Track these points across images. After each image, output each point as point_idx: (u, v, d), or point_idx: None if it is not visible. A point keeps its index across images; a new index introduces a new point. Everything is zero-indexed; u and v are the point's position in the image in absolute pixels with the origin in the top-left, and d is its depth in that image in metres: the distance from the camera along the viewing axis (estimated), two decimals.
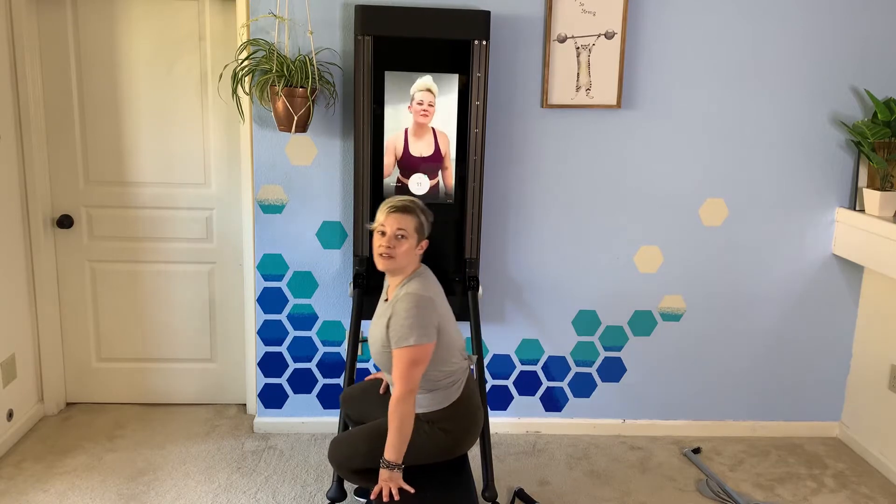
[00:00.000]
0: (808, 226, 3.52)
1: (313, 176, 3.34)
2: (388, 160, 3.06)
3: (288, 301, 3.46)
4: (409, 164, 2.93)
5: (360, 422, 2.74)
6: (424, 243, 2.51)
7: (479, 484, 2.92)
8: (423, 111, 2.84)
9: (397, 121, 3.13)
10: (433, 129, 2.98)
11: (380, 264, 2.48)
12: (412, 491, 2.40)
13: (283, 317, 3.48)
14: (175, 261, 3.63)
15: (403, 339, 2.36)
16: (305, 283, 3.44)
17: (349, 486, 3.05)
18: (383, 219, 2.47)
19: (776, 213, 3.50)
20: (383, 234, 2.46)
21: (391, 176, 3.06)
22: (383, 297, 2.60)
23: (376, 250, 2.47)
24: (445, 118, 3.14)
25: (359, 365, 3.49)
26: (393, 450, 2.39)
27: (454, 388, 2.52)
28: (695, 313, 3.58)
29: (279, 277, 3.43)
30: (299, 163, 3.33)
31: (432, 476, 2.52)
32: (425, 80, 3.06)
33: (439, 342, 2.43)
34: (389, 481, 2.40)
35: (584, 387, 3.64)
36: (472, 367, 2.64)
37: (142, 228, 3.58)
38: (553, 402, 3.66)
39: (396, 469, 2.40)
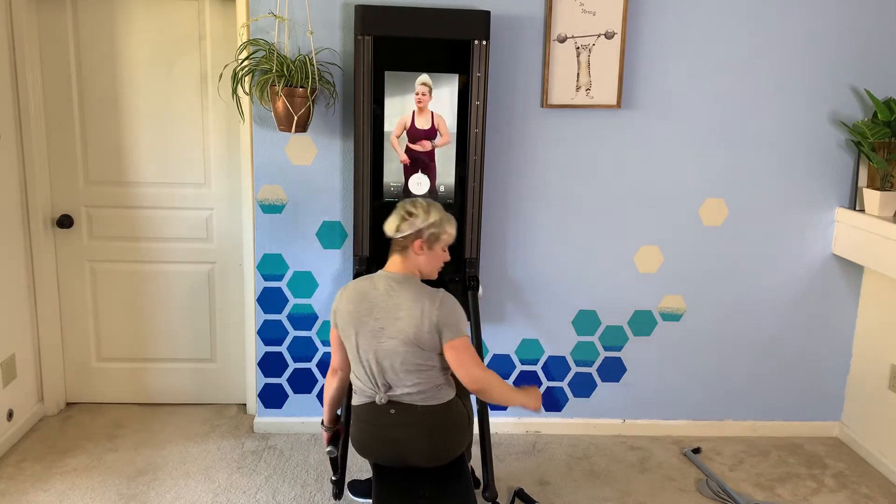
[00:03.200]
0: (808, 226, 3.52)
1: (313, 176, 3.34)
2: (400, 125, 3.17)
3: (288, 301, 3.46)
4: (414, 134, 3.17)
5: None
6: (416, 244, 2.51)
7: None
8: (419, 99, 3.12)
9: (396, 121, 3.14)
10: (432, 112, 3.15)
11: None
12: (329, 450, 2.75)
13: (283, 317, 3.48)
14: (175, 261, 3.63)
15: None
16: (305, 283, 3.44)
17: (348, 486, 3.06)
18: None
19: (776, 213, 3.50)
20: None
21: (401, 138, 3.18)
22: None
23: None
24: (445, 118, 3.15)
25: None
26: (323, 410, 2.77)
27: (355, 394, 2.58)
28: (695, 313, 3.58)
29: (279, 277, 3.44)
30: (299, 163, 3.33)
31: (432, 477, 2.52)
32: (422, 77, 3.12)
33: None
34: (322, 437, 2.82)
35: (584, 387, 3.64)
36: (380, 402, 2.47)
37: (142, 228, 3.58)
38: (553, 402, 3.66)
39: (322, 428, 2.78)
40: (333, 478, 2.73)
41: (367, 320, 2.45)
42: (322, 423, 2.77)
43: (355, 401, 2.57)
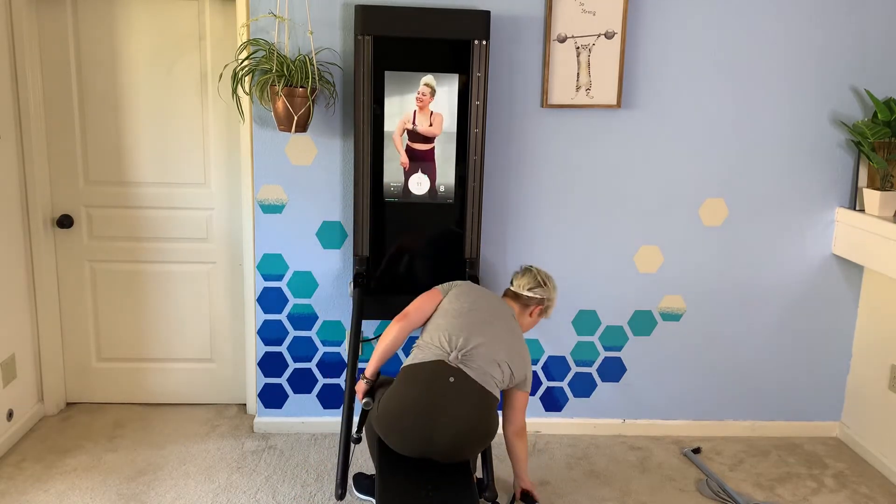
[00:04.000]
0: (808, 226, 3.52)
1: (313, 176, 3.34)
2: (401, 124, 3.17)
3: (288, 301, 3.46)
4: (413, 134, 3.17)
5: None
6: (536, 309, 2.88)
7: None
8: (419, 99, 3.14)
9: (397, 121, 3.14)
10: (432, 111, 3.17)
11: None
12: (362, 400, 2.67)
13: (283, 317, 3.48)
14: (175, 261, 3.63)
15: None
16: (305, 283, 3.44)
17: (349, 486, 3.05)
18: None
19: (776, 213, 3.50)
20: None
21: (403, 137, 3.18)
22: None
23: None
24: (446, 118, 3.15)
25: (360, 365, 3.48)
26: (369, 362, 2.73)
27: (417, 352, 2.61)
28: (695, 313, 3.58)
29: (279, 277, 3.44)
30: (299, 163, 3.33)
31: (438, 470, 2.53)
32: (427, 77, 3.13)
33: (436, 312, 2.71)
34: (357, 389, 2.74)
35: (584, 387, 3.64)
36: (450, 362, 2.53)
37: (142, 228, 3.58)
38: (553, 402, 3.66)
39: (363, 380, 2.72)
40: (355, 435, 2.72)
41: (485, 312, 2.68)
42: (363, 376, 2.70)
43: (417, 358, 2.56)
